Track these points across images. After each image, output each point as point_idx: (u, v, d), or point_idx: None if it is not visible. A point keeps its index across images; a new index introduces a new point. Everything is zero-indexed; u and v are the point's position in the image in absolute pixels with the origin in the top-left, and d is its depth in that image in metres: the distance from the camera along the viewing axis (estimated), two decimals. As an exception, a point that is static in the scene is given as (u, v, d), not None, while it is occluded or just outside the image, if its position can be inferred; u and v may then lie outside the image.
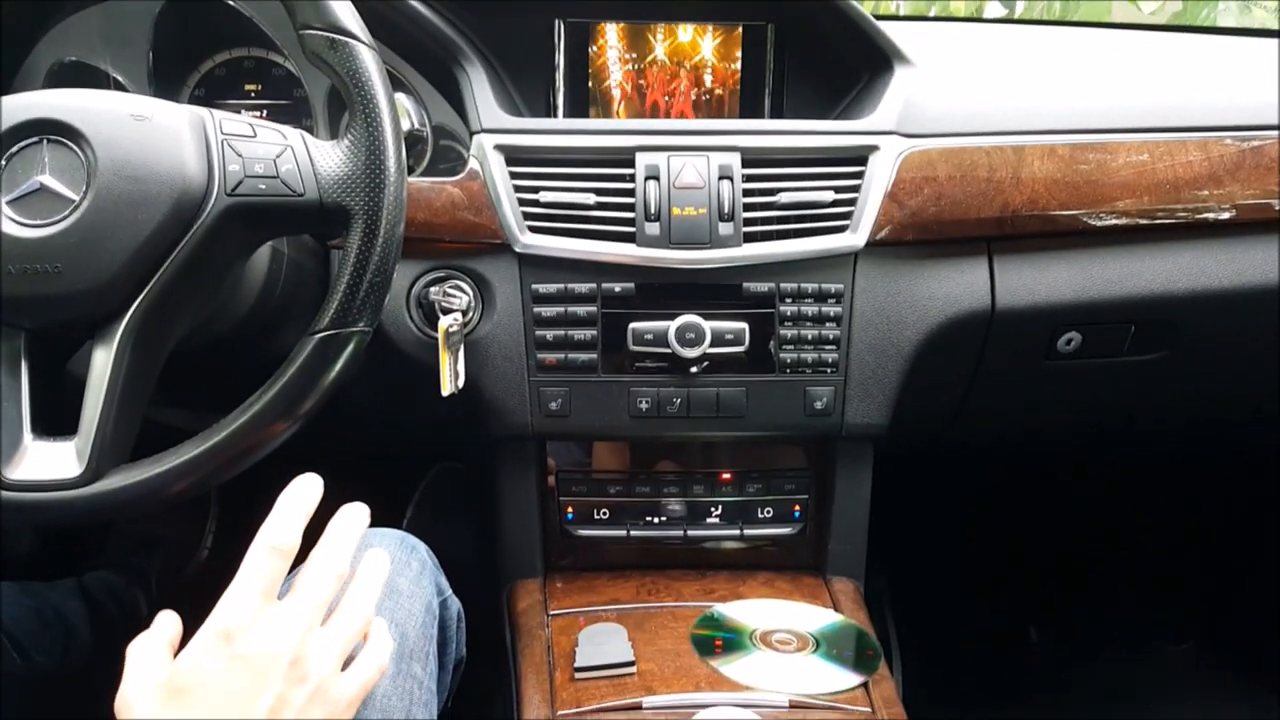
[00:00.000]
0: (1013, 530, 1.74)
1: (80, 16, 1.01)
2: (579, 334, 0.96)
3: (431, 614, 0.87)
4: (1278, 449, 1.46)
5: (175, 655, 0.64)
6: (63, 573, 1.34)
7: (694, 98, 1.10)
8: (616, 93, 1.10)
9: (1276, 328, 1.07)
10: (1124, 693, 1.58)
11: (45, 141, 0.68)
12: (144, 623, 0.66)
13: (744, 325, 0.96)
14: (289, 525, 0.64)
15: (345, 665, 0.66)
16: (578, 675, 0.89)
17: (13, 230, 0.67)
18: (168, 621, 0.67)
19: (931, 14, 1.92)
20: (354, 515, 0.70)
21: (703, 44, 1.08)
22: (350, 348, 0.72)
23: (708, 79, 1.10)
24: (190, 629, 0.66)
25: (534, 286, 0.96)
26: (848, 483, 1.06)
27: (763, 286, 0.96)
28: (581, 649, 0.91)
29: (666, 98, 1.10)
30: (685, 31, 1.08)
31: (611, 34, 1.08)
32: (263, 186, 0.70)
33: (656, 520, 1.06)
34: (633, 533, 1.06)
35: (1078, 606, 1.71)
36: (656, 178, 0.95)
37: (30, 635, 1.16)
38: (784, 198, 0.95)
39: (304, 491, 0.66)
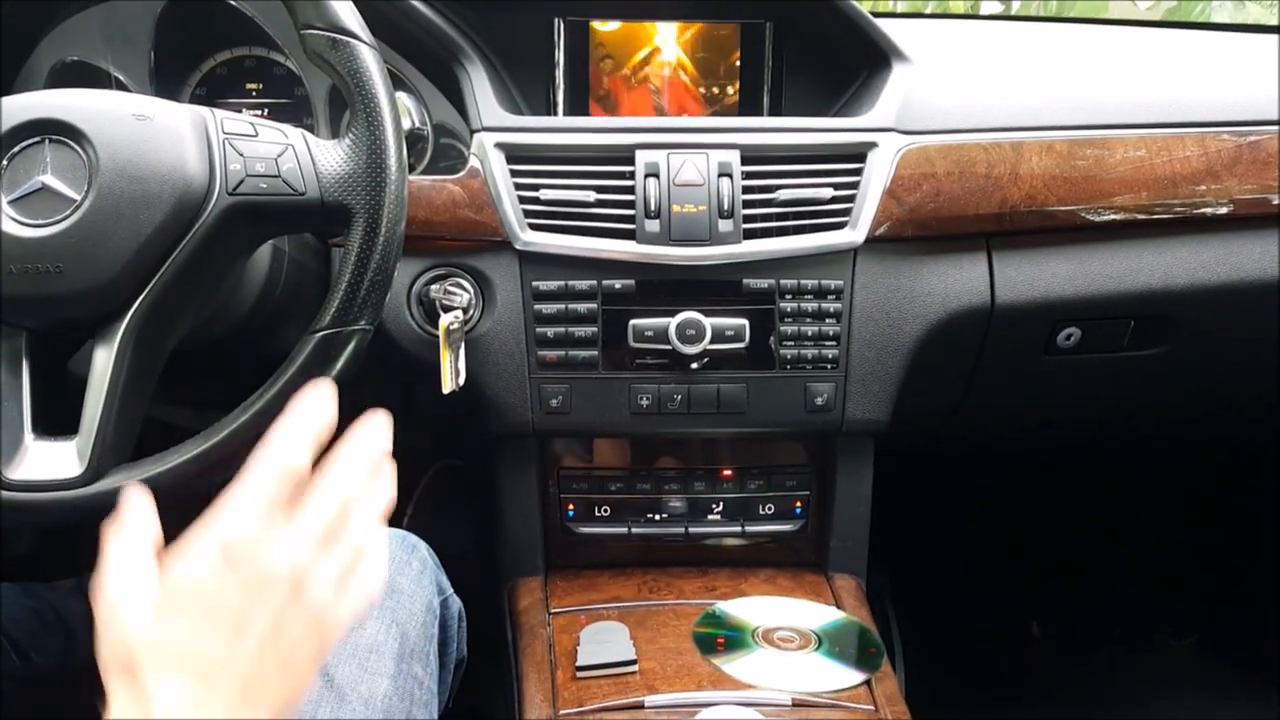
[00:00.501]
0: (1014, 526, 1.74)
1: (82, 16, 1.01)
2: (579, 331, 0.96)
3: (432, 613, 0.87)
4: (1277, 443, 1.46)
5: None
6: (63, 573, 1.33)
7: (693, 95, 1.11)
8: (616, 90, 1.10)
9: (1275, 322, 1.07)
10: (1126, 688, 1.58)
11: (47, 141, 0.68)
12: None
13: (744, 322, 0.96)
14: (300, 446, 0.57)
15: None
16: (579, 674, 0.89)
17: (14, 230, 0.67)
18: (145, 517, 0.59)
19: (928, 11, 1.93)
20: (373, 433, 0.61)
21: (701, 42, 1.09)
22: (351, 346, 0.72)
23: (707, 77, 1.10)
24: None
25: (534, 284, 0.96)
26: (849, 479, 1.06)
27: (763, 283, 0.96)
28: (583, 647, 0.91)
29: (665, 95, 1.10)
30: (684, 29, 1.08)
31: (611, 32, 1.08)
32: (264, 185, 0.70)
33: (658, 517, 1.06)
34: (634, 530, 1.06)
35: (1079, 602, 1.71)
36: (656, 175, 0.95)
37: (30, 636, 1.15)
38: (783, 194, 0.95)
39: (316, 411, 0.58)
